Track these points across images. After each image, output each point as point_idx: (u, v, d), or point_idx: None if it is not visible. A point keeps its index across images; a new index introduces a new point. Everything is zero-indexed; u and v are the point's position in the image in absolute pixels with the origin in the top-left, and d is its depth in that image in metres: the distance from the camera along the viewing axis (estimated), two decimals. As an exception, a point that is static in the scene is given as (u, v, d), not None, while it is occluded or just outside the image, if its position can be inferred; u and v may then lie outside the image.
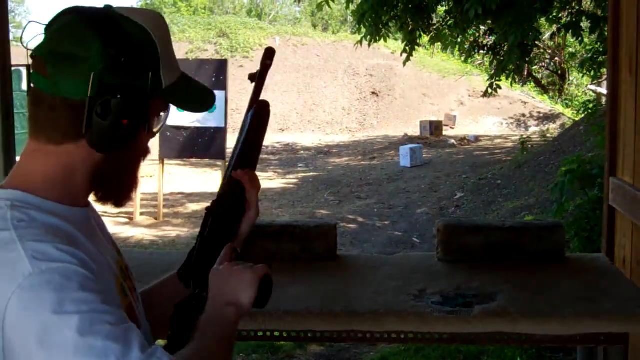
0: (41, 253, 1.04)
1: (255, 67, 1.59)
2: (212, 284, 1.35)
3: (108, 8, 1.21)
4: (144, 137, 1.25)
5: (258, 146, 1.58)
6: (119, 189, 1.27)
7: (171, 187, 11.62)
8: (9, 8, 3.80)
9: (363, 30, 8.11)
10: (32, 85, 1.19)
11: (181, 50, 25.14)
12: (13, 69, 3.64)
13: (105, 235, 1.34)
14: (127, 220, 9.68)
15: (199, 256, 1.46)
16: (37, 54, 1.16)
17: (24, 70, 8.96)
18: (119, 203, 1.30)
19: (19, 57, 1.44)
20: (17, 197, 1.14)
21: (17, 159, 3.22)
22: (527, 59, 8.22)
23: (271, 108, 1.57)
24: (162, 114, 1.28)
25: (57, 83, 1.14)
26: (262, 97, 1.59)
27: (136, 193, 1.31)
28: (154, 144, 2.03)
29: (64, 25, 1.17)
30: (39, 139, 1.18)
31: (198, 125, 9.69)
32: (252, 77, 1.58)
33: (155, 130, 1.28)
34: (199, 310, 1.33)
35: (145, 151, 1.30)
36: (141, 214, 9.86)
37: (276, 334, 2.31)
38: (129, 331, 1.05)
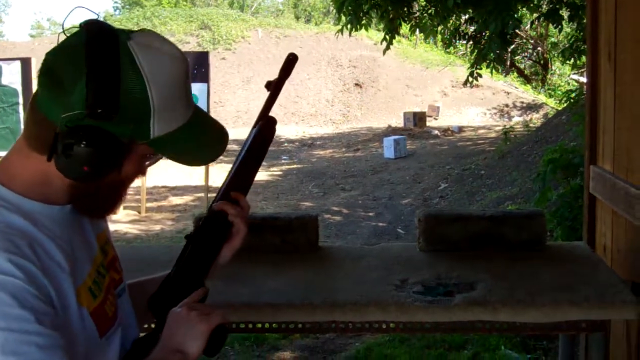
0: None
1: (237, 59, 1.54)
2: (167, 326, 1.34)
3: (125, 36, 1.16)
4: (124, 169, 1.20)
5: (256, 167, 1.53)
6: (95, 206, 1.26)
7: (154, 181, 11.57)
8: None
9: (343, 19, 8.10)
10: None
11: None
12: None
13: (90, 230, 1.34)
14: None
15: (170, 287, 1.45)
16: (43, 62, 1.16)
17: (2, 65, 8.88)
18: (95, 217, 1.31)
19: None
20: None
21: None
22: (508, 48, 8.23)
23: (254, 100, 1.54)
24: (150, 156, 1.24)
25: (43, 100, 1.15)
26: (243, 90, 1.54)
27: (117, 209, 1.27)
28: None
29: (70, 44, 1.15)
30: (26, 140, 1.19)
31: (180, 118, 9.64)
32: (268, 85, 1.50)
33: (146, 165, 1.27)
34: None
35: (127, 179, 1.26)
36: (124, 207, 9.81)
37: (258, 325, 2.31)
38: (54, 356, 1.06)
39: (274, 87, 1.49)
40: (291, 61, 1.48)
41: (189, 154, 1.26)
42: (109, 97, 1.09)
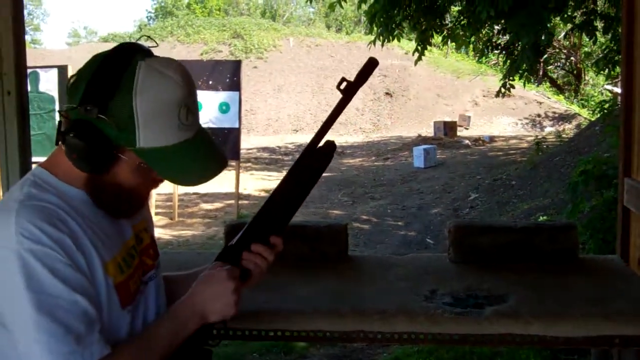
0: (28, 231, 1.23)
1: (268, 67, 1.54)
2: (195, 284, 1.48)
3: (141, 57, 1.31)
4: (121, 172, 1.34)
5: (301, 198, 1.50)
6: (106, 204, 1.39)
7: (186, 188, 11.64)
8: (27, 10, 3.82)
9: (375, 30, 8.09)
10: None
11: (196, 51, 25.24)
12: (29, 70, 3.68)
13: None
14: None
15: None
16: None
17: (40, 72, 9.02)
18: (110, 214, 1.42)
19: (36, 58, 1.53)
20: (42, 175, 1.36)
21: (33, 159, 3.23)
22: (540, 60, 8.15)
23: (285, 109, 1.52)
24: (143, 165, 1.34)
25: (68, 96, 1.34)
26: (274, 98, 1.52)
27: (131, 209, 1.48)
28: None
29: (98, 55, 1.34)
30: None
31: (212, 125, 9.71)
32: (340, 86, 1.41)
33: (153, 178, 1.39)
34: None
35: (131, 187, 1.38)
36: (156, 214, 9.89)
37: (287, 333, 2.30)
38: (74, 319, 1.24)
39: (348, 91, 1.42)
40: (371, 65, 1.44)
41: (177, 173, 1.36)
42: (99, 98, 1.26)
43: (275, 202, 1.49)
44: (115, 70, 1.27)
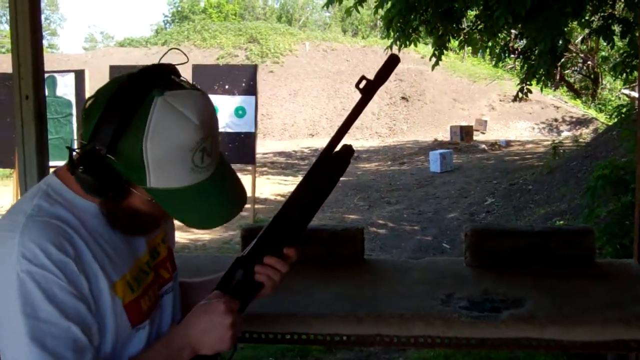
0: (31, 253, 1.20)
1: (284, 72, 1.50)
2: (189, 314, 1.42)
3: (159, 92, 1.22)
4: (134, 201, 1.30)
5: (319, 204, 1.43)
6: (118, 224, 1.34)
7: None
8: (44, 15, 3.87)
9: (392, 35, 8.10)
10: None
11: (212, 55, 25.34)
12: (47, 75, 3.72)
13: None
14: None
15: None
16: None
17: (57, 76, 9.11)
18: (123, 233, 1.37)
19: (53, 63, 1.48)
20: (55, 185, 1.32)
21: (50, 163, 3.27)
22: (557, 64, 8.11)
23: (301, 113, 1.46)
24: (150, 199, 1.29)
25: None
26: (290, 102, 1.48)
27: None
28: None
29: (113, 82, 1.28)
30: None
31: (228, 130, 9.77)
32: (359, 85, 1.37)
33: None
34: None
35: (145, 213, 1.33)
36: (173, 218, 9.91)
37: (303, 336, 2.31)
38: (63, 348, 1.20)
39: (368, 90, 1.36)
40: (393, 62, 1.39)
41: (188, 215, 1.30)
42: (109, 137, 1.20)
43: (290, 210, 1.42)
44: (129, 106, 1.20)
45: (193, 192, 1.26)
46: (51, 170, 1.42)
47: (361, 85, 1.36)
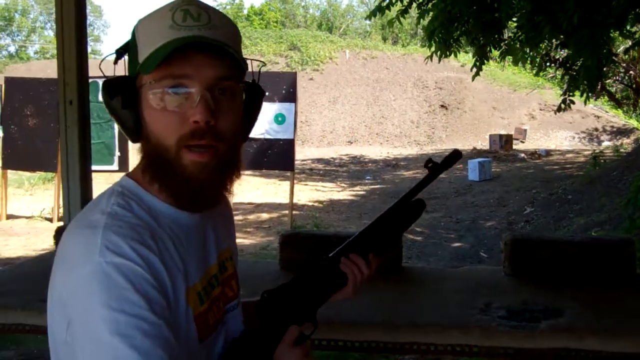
0: (114, 244, 1.10)
1: (324, 79, 1.54)
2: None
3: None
4: (150, 119, 1.20)
5: (398, 236, 1.54)
6: (159, 177, 1.23)
7: (241, 197, 11.79)
8: (87, 21, 3.97)
9: (433, 45, 8.09)
10: None
11: (253, 63, 25.44)
12: (90, 80, 3.81)
13: (213, 243, 1.37)
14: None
15: (280, 295, 1.42)
16: None
17: (100, 82, 9.27)
18: (168, 194, 1.24)
19: (96, 69, 1.49)
20: (129, 186, 1.25)
21: (92, 167, 3.32)
22: (601, 77, 7.98)
23: (340, 120, 1.52)
24: (151, 82, 1.18)
25: None
26: (329, 110, 1.54)
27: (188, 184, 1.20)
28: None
29: None
30: None
31: (268, 136, 9.84)
32: (428, 165, 1.53)
33: (164, 104, 1.18)
34: (251, 349, 1.34)
35: (156, 110, 1.19)
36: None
37: (340, 343, 2.33)
38: (154, 346, 1.06)
39: (433, 170, 1.52)
40: (456, 156, 1.52)
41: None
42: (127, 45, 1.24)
43: (380, 227, 1.51)
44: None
45: (166, 47, 1.15)
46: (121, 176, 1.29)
47: (429, 165, 1.52)
